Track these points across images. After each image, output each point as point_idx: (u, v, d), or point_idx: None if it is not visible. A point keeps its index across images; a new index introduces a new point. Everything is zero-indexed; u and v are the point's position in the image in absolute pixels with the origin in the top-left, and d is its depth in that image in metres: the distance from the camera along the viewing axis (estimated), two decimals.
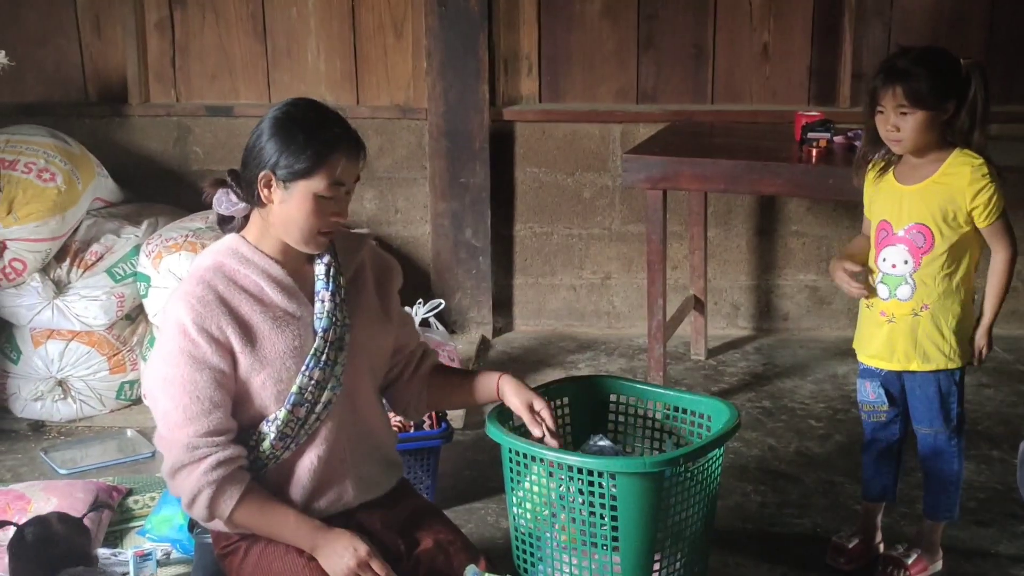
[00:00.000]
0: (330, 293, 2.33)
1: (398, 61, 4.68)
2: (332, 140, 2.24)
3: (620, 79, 4.72)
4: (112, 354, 4.00)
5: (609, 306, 4.90)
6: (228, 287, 2.27)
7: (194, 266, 2.32)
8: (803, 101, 4.66)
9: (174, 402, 2.22)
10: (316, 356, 2.29)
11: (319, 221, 2.26)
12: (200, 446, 2.20)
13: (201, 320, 2.21)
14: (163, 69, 4.72)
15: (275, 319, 2.28)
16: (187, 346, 2.21)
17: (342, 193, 2.27)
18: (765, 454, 3.73)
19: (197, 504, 2.22)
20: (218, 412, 2.22)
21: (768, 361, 4.57)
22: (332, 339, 2.31)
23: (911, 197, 2.80)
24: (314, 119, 2.27)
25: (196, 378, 2.21)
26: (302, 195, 2.24)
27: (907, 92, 2.69)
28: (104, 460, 3.68)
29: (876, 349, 2.92)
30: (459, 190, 4.68)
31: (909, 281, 2.82)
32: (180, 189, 4.70)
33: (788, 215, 4.76)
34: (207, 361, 2.22)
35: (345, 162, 2.24)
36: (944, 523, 3.01)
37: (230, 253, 2.30)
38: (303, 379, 2.28)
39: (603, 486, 2.42)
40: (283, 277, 2.31)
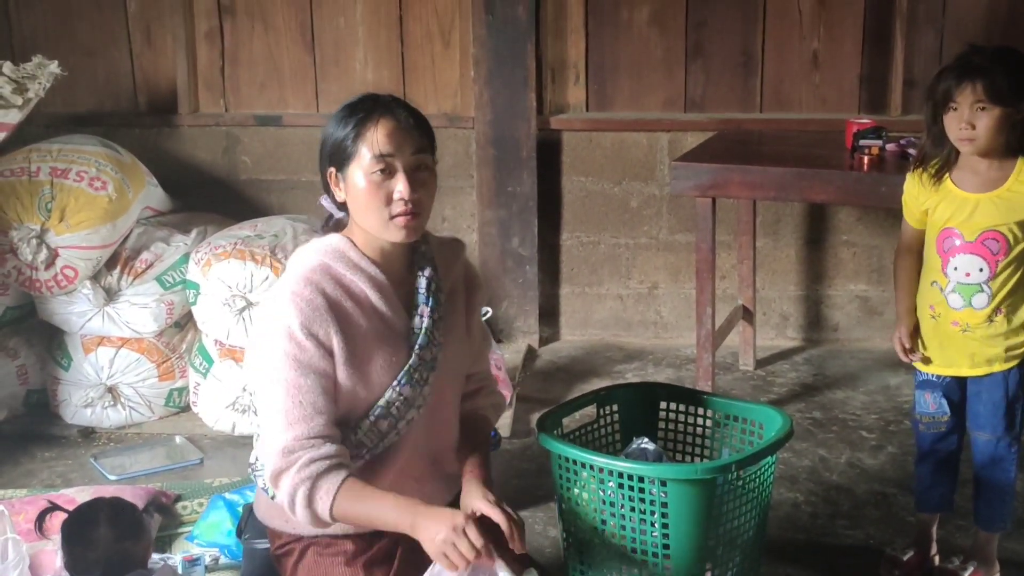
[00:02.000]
0: (430, 309, 2.27)
1: (445, 69, 4.69)
2: (365, 115, 2.18)
3: (668, 87, 4.69)
4: (161, 361, 4.02)
5: (656, 316, 4.87)
6: (336, 291, 2.20)
7: (298, 264, 2.24)
8: (854, 109, 4.60)
9: (276, 406, 2.15)
10: (409, 373, 2.23)
11: (381, 204, 2.17)
12: (296, 449, 2.13)
13: (309, 323, 2.15)
14: (212, 79, 4.76)
15: (377, 330, 2.22)
16: (293, 349, 2.14)
17: (397, 168, 2.17)
18: (816, 465, 3.68)
19: (297, 505, 2.13)
20: (320, 418, 2.15)
21: (818, 372, 4.51)
22: (428, 358, 2.26)
23: (985, 205, 2.74)
24: (357, 101, 2.23)
25: (301, 383, 2.14)
26: (356, 180, 2.18)
27: (987, 88, 2.63)
28: (153, 466, 3.70)
29: (949, 359, 2.86)
30: (506, 199, 4.67)
31: (985, 289, 2.76)
32: (229, 198, 4.73)
33: (838, 224, 4.70)
34: (313, 365, 2.15)
35: (383, 133, 2.16)
36: (999, 534, 2.95)
37: (337, 255, 2.23)
38: (392, 394, 2.22)
39: (654, 493, 2.40)
40: (387, 285, 2.24)
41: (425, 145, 2.22)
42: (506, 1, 4.47)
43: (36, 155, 4.00)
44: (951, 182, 2.80)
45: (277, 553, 2.39)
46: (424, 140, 2.22)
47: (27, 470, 3.73)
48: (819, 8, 4.55)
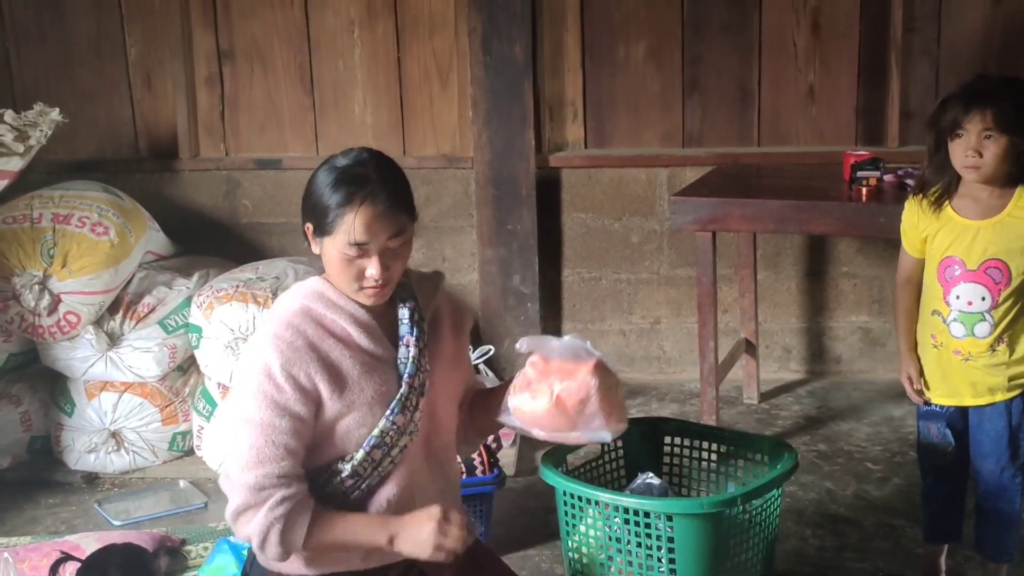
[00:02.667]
0: (415, 339, 2.30)
1: (444, 110, 4.72)
2: (345, 199, 2.17)
3: (665, 123, 4.72)
4: (164, 405, 4.02)
5: (659, 351, 4.87)
6: (317, 332, 2.23)
7: (280, 308, 2.29)
8: (851, 141, 4.62)
9: (248, 443, 2.18)
10: (401, 401, 2.26)
11: (351, 277, 2.21)
12: (266, 487, 2.16)
13: (289, 366, 2.18)
14: (212, 123, 4.79)
15: (363, 364, 2.25)
16: (271, 390, 2.18)
17: (371, 252, 2.19)
18: (823, 497, 3.66)
19: (268, 543, 2.17)
20: (290, 459, 2.18)
21: (822, 404, 4.50)
22: (416, 385, 2.29)
23: (985, 232, 2.74)
24: (341, 173, 2.21)
25: (276, 423, 2.17)
26: (329, 251, 2.22)
27: (996, 116, 2.64)
28: (157, 511, 3.69)
29: (951, 388, 2.86)
30: (506, 237, 4.69)
31: (987, 318, 2.76)
32: (230, 242, 4.75)
33: (838, 256, 4.71)
34: (289, 408, 2.18)
35: (361, 222, 2.16)
36: (1005, 565, 2.93)
37: (316, 296, 2.27)
38: (386, 423, 2.25)
39: (660, 528, 2.39)
40: (369, 321, 2.27)
41: (403, 224, 2.22)
42: (503, 41, 4.51)
43: (38, 202, 4.02)
44: (951, 209, 2.80)
45: None
46: (402, 218, 2.22)
47: (31, 517, 3.71)
48: (814, 41, 4.59)
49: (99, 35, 4.72)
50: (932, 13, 4.50)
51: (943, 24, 4.51)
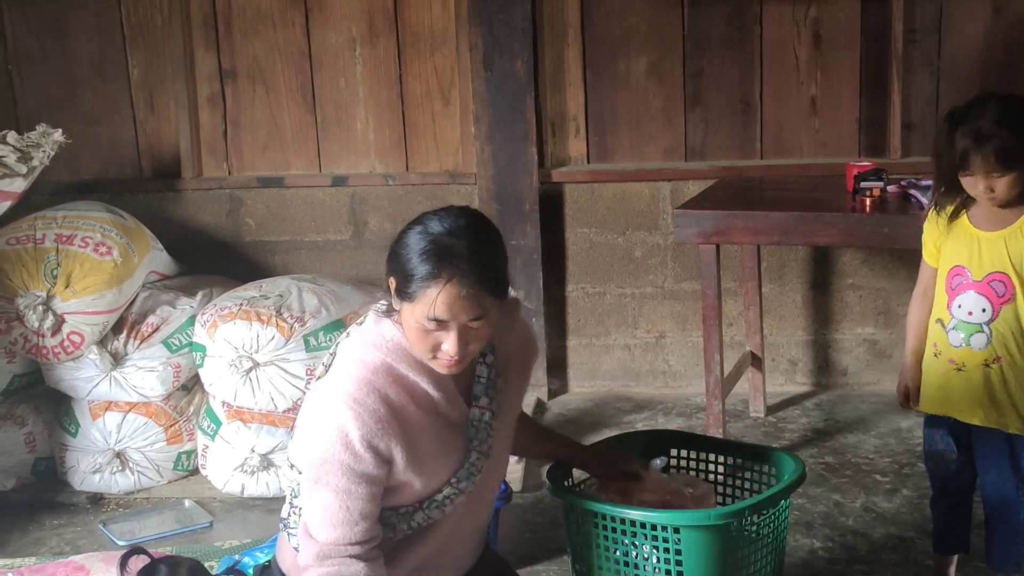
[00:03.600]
0: (488, 400, 2.24)
1: (446, 127, 4.72)
2: (431, 274, 2.04)
3: (668, 137, 4.72)
4: (169, 425, 4.01)
5: (665, 365, 4.85)
6: (400, 396, 2.13)
7: (358, 361, 2.15)
8: (853, 153, 4.62)
9: (322, 505, 2.12)
10: (468, 469, 2.22)
11: (426, 348, 2.10)
12: (332, 555, 2.12)
13: (371, 436, 2.08)
14: (215, 142, 4.79)
15: (439, 430, 2.18)
16: (349, 459, 2.09)
17: (450, 328, 2.06)
18: (831, 510, 3.64)
19: None
20: (365, 523, 2.13)
21: (829, 417, 4.48)
22: (484, 450, 2.25)
23: (992, 244, 2.73)
24: (433, 243, 2.06)
25: (352, 489, 2.10)
26: (408, 316, 2.10)
27: (999, 158, 2.61)
28: (162, 531, 3.68)
29: (944, 398, 2.84)
30: (510, 253, 4.57)
31: (985, 330, 2.74)
32: (233, 260, 4.75)
33: (843, 268, 4.70)
34: (367, 475, 2.10)
35: (443, 301, 2.03)
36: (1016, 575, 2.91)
37: (399, 354, 2.14)
38: (450, 490, 2.21)
39: (667, 540, 2.37)
40: (449, 381, 2.18)
41: (487, 307, 2.08)
42: (504, 56, 4.51)
43: (41, 222, 4.02)
44: (967, 218, 2.79)
45: None
46: (487, 301, 2.07)
47: (36, 538, 3.70)
48: (815, 54, 4.59)
49: (101, 56, 4.73)
50: (932, 25, 4.50)
51: (944, 36, 4.51)
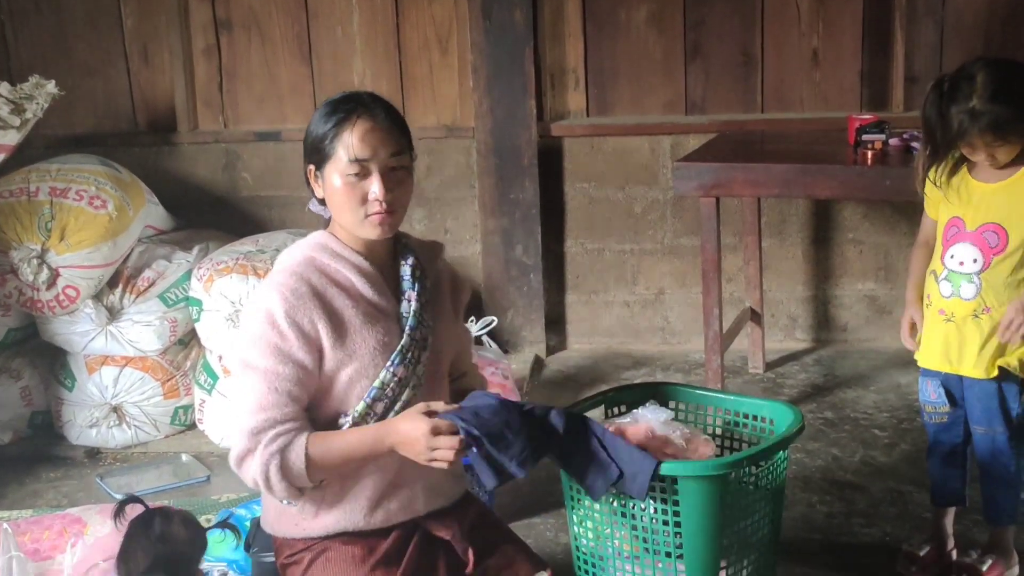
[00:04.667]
0: (416, 294, 2.32)
1: (444, 79, 4.67)
2: (346, 115, 2.21)
3: (668, 90, 4.67)
4: (166, 379, 3.99)
5: (664, 322, 4.83)
6: (321, 280, 2.25)
7: (284, 259, 2.31)
8: (855, 106, 4.57)
9: (251, 390, 2.19)
10: (402, 353, 2.26)
11: (356, 204, 2.22)
12: (264, 429, 2.17)
13: (293, 312, 2.19)
14: (211, 95, 4.74)
15: (366, 314, 2.27)
16: (275, 338, 2.19)
17: (372, 170, 2.20)
18: (830, 464, 3.64)
19: (272, 479, 2.16)
20: (293, 406, 2.19)
21: (828, 372, 4.47)
22: (418, 338, 2.29)
23: (989, 195, 2.72)
24: (334, 102, 2.25)
25: (280, 370, 2.18)
26: (332, 180, 2.23)
27: (996, 134, 2.61)
28: (160, 484, 3.67)
29: (933, 349, 2.83)
30: (508, 207, 4.65)
31: (975, 280, 2.73)
32: (230, 215, 4.72)
33: (843, 223, 4.67)
34: (293, 355, 2.19)
35: (360, 135, 2.19)
36: (1009, 527, 2.91)
37: (320, 248, 2.28)
38: (386, 375, 2.25)
39: (665, 491, 2.36)
40: (373, 272, 2.29)
41: (403, 146, 2.26)
42: (503, 6, 4.46)
43: (35, 175, 3.98)
44: (967, 171, 2.77)
45: (284, 563, 2.36)
46: (402, 141, 2.25)
47: (33, 491, 3.70)
48: (817, 5, 4.53)
49: (94, 7, 4.68)
50: None
51: None
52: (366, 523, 2.29)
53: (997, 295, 2.71)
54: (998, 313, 2.72)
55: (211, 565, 2.99)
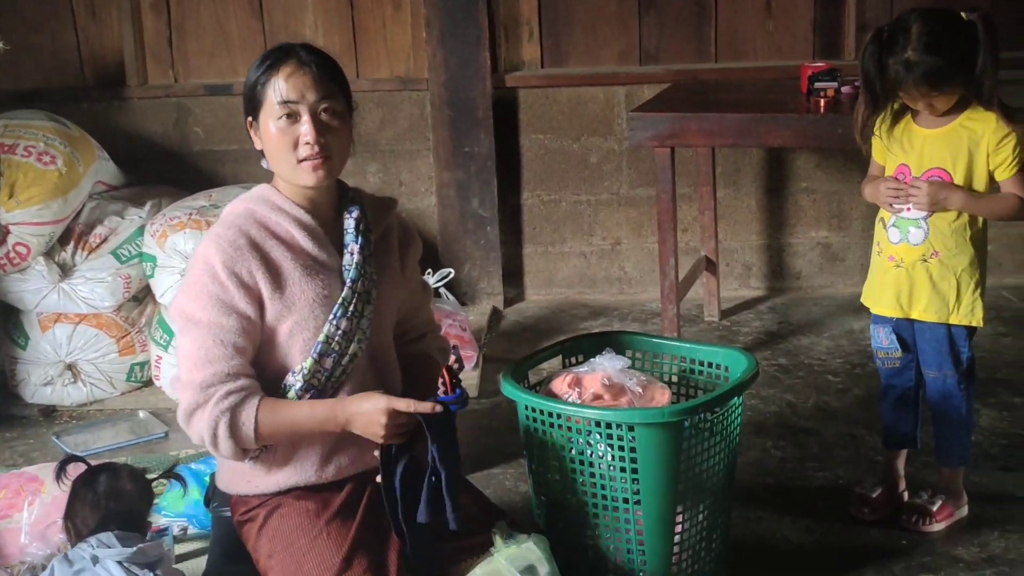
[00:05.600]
0: (359, 246, 2.32)
1: (397, 32, 4.63)
2: (275, 61, 2.22)
3: (622, 40, 4.66)
4: (121, 336, 3.96)
5: (620, 272, 4.85)
6: (260, 232, 2.26)
7: (225, 212, 2.32)
8: (808, 55, 4.58)
9: (196, 343, 2.20)
10: (344, 305, 2.27)
11: (288, 149, 2.22)
12: (213, 384, 2.18)
13: (232, 263, 2.20)
14: (160, 50, 4.67)
15: (305, 266, 2.27)
16: (216, 289, 2.20)
17: (301, 113, 2.20)
18: (784, 410, 3.69)
19: (219, 437, 2.18)
20: (239, 358, 2.20)
21: (783, 320, 4.52)
22: (360, 290, 2.30)
23: (932, 141, 2.75)
24: (267, 52, 2.26)
25: (223, 322, 2.19)
26: (266, 127, 2.24)
27: (931, 83, 2.63)
28: (117, 442, 3.66)
29: (884, 296, 2.87)
30: (464, 160, 4.63)
31: (923, 226, 2.77)
32: (182, 170, 4.66)
33: (797, 172, 4.70)
34: (235, 306, 2.20)
35: (287, 78, 2.19)
36: (960, 469, 2.97)
37: (262, 200, 2.30)
38: (330, 328, 2.26)
39: (622, 438, 2.39)
40: (314, 225, 2.29)
41: (334, 91, 2.25)
42: None
43: None
44: (911, 120, 2.80)
45: (240, 520, 2.37)
46: (332, 86, 2.25)
47: None
48: None
49: None
50: None
51: None
52: (318, 477, 2.30)
53: (944, 240, 2.76)
54: (946, 257, 2.76)
55: (171, 521, 2.99)
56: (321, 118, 2.22)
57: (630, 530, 2.46)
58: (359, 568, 2.19)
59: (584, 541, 2.53)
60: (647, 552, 2.47)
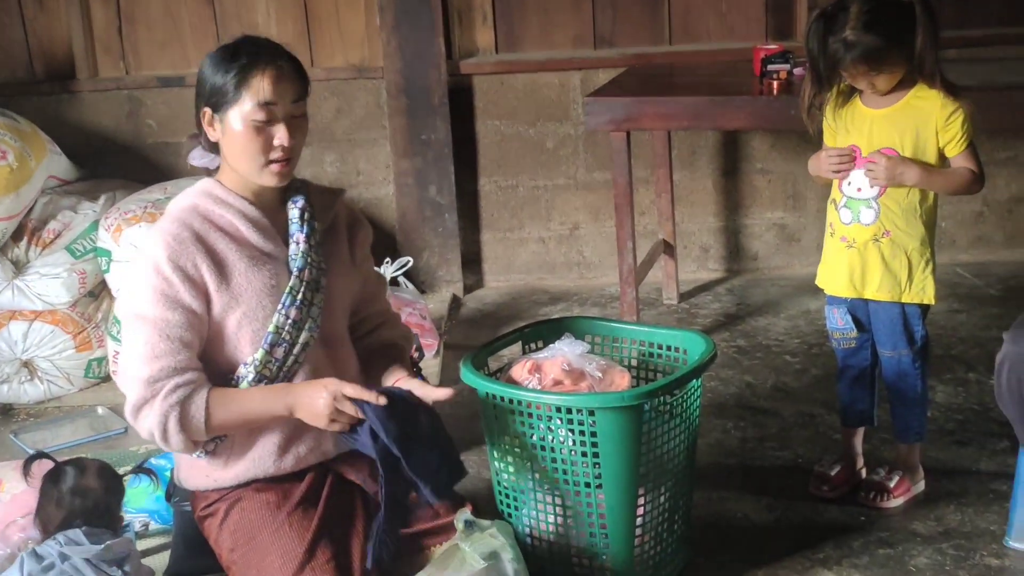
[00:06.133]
0: (304, 236, 2.32)
1: (351, 19, 4.61)
2: (251, 61, 2.20)
3: (576, 25, 4.66)
4: (77, 332, 3.92)
5: (579, 257, 4.87)
6: (204, 225, 2.25)
7: (170, 207, 2.31)
8: (761, 37, 4.62)
9: (142, 338, 2.19)
10: (292, 294, 2.27)
11: (261, 147, 2.22)
12: (160, 378, 2.18)
13: (176, 257, 2.20)
14: (110, 41, 4.61)
15: (251, 258, 2.27)
16: (161, 284, 2.19)
17: (278, 116, 2.21)
18: (743, 391, 3.72)
19: (169, 432, 2.19)
20: (186, 352, 2.20)
21: (740, 301, 4.55)
22: (308, 279, 2.30)
23: (881, 121, 2.78)
24: (238, 44, 2.25)
25: (168, 317, 2.19)
26: (236, 123, 2.22)
27: (869, 63, 2.66)
28: (76, 439, 3.62)
29: (838, 277, 2.90)
30: (421, 147, 4.62)
31: (873, 205, 2.79)
32: (136, 163, 4.62)
33: (752, 153, 4.73)
34: (180, 300, 2.20)
35: (269, 81, 2.19)
36: (917, 444, 3.01)
37: (205, 194, 2.29)
38: (279, 318, 2.26)
39: (583, 423, 2.40)
40: (258, 217, 2.29)
41: (303, 91, 2.28)
42: None
43: None
44: (859, 101, 2.83)
45: (201, 516, 2.36)
46: (302, 87, 2.27)
47: None
48: None
49: None
50: None
51: None
52: (277, 468, 2.30)
53: (895, 219, 2.79)
54: (897, 237, 2.79)
55: (132, 516, 2.97)
56: (293, 121, 2.24)
57: (592, 514, 2.48)
58: (323, 558, 2.20)
59: (547, 526, 2.54)
60: (610, 535, 2.49)
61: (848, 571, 2.69)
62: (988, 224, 4.79)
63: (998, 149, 4.68)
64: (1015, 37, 4.53)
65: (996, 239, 4.81)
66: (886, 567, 2.69)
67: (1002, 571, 2.66)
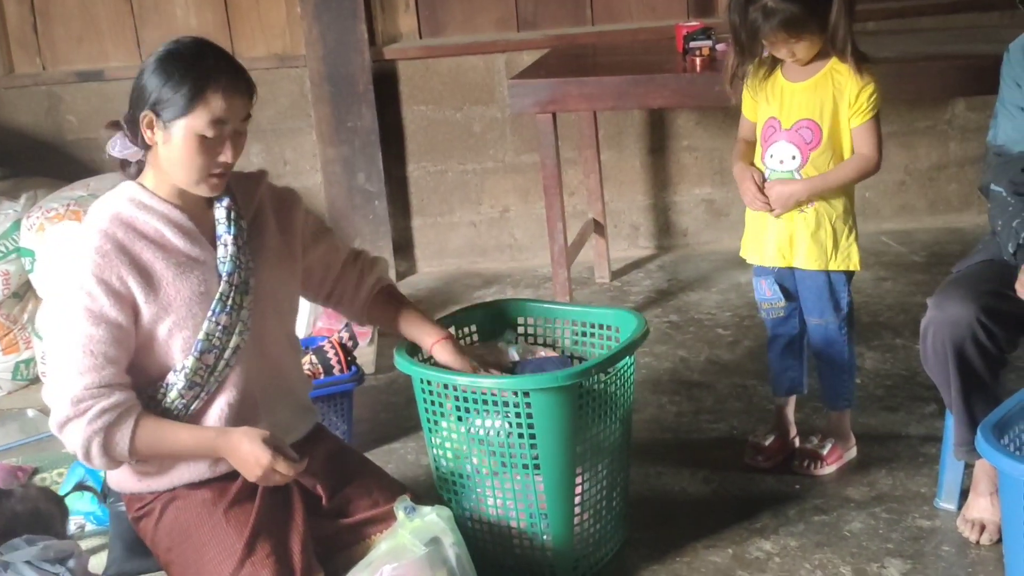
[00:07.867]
0: (232, 237, 2.27)
1: (271, 7, 4.56)
2: (208, 75, 2.14)
3: (499, 7, 4.66)
4: (4, 334, 3.85)
5: (510, 239, 4.88)
6: (128, 235, 2.19)
7: (91, 216, 2.24)
8: (682, 15, 4.64)
9: (67, 355, 2.15)
10: (222, 300, 2.24)
11: (205, 162, 2.17)
12: (85, 398, 2.13)
13: (100, 272, 2.14)
14: (25, 36, 4.52)
15: (178, 265, 2.22)
16: (84, 300, 2.14)
17: (227, 132, 2.17)
18: (677, 366, 3.76)
19: (92, 455, 2.16)
20: (111, 368, 2.15)
21: (672, 277, 4.59)
22: (237, 283, 2.26)
23: (801, 93, 2.82)
24: (193, 54, 2.17)
25: (93, 333, 2.14)
26: (183, 135, 2.15)
27: (789, 30, 2.69)
28: (7, 442, 3.55)
29: (765, 247, 2.94)
30: (347, 135, 4.59)
31: (796, 177, 2.83)
32: (57, 160, 4.55)
33: (678, 131, 4.76)
34: (105, 315, 2.15)
35: (224, 98, 2.14)
36: (847, 411, 3.07)
37: (127, 200, 2.22)
38: (210, 325, 2.23)
39: (519, 405, 2.41)
40: (184, 222, 2.24)
41: (250, 106, 2.23)
42: None
43: None
44: (780, 73, 2.87)
45: (136, 517, 2.34)
46: (250, 102, 2.23)
47: None
48: None
49: None
50: None
51: None
52: (212, 472, 2.27)
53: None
54: (822, 206, 2.84)
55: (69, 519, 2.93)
56: (237, 138, 2.21)
57: (531, 495, 2.49)
58: (262, 552, 2.18)
59: (486, 510, 2.55)
60: (549, 516, 2.50)
61: (785, 539, 2.73)
62: (910, 193, 4.88)
63: (918, 119, 4.77)
64: (932, 7, 4.60)
65: (919, 207, 4.90)
66: (821, 533, 2.74)
67: (933, 532, 2.72)
